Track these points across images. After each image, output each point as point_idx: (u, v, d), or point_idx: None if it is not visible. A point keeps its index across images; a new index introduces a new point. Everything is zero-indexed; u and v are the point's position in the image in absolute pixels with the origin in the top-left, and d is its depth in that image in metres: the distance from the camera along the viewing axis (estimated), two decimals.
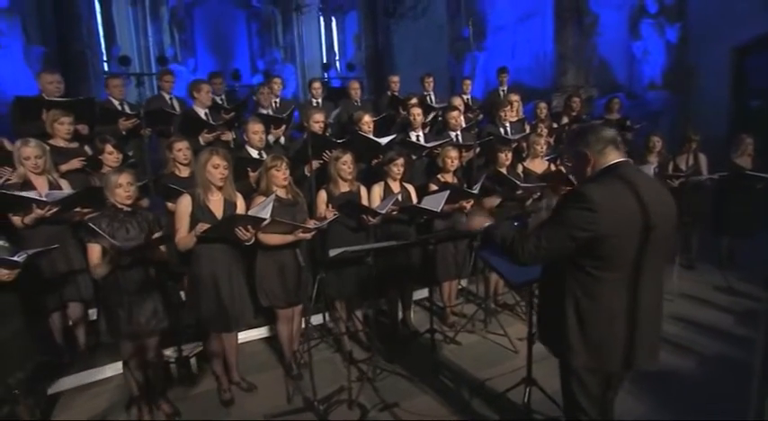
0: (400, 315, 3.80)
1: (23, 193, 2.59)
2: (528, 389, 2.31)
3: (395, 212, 3.21)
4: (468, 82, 5.84)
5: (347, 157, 3.12)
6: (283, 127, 3.77)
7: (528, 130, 4.92)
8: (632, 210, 1.53)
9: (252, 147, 3.41)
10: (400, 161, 3.40)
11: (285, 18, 13.16)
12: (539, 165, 4.07)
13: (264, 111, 3.91)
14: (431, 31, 9.75)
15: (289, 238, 2.72)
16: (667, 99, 7.54)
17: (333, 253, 2.69)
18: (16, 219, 2.67)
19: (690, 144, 4.82)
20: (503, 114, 4.56)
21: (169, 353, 3.07)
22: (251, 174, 3.23)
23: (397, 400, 2.73)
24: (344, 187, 3.18)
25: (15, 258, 2.05)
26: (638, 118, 7.64)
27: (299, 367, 3.08)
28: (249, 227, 2.46)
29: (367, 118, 3.90)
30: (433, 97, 5.76)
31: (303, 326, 3.51)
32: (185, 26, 11.53)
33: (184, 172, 3.17)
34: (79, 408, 2.82)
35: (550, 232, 1.56)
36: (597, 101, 6.56)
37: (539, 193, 3.84)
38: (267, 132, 3.79)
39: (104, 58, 9.87)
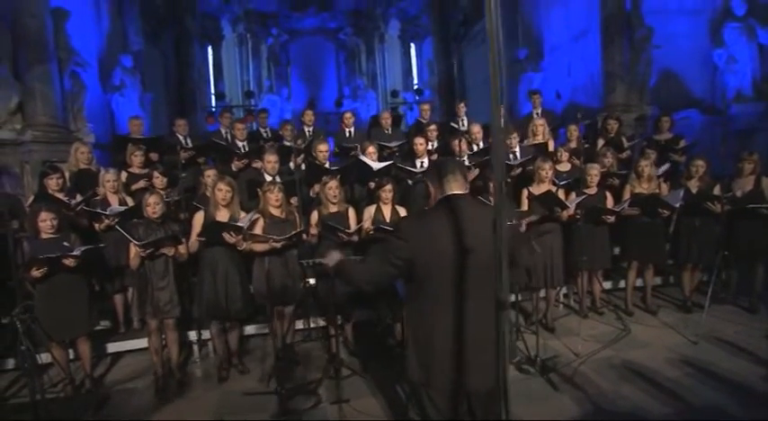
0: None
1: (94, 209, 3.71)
2: None
3: (371, 232, 3.63)
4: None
5: (332, 183, 3.66)
6: (302, 156, 4.49)
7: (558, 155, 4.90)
8: (444, 238, 1.68)
9: (267, 173, 4.17)
10: (388, 187, 3.82)
11: (368, 47, 14.31)
12: (545, 190, 4.08)
13: (288, 143, 4.69)
14: None
15: (266, 247, 3.35)
16: (762, 113, 6.58)
17: (302, 262, 3.24)
18: (96, 227, 3.77)
19: (742, 166, 4.28)
20: (509, 142, 4.65)
21: (192, 335, 3.90)
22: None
23: (350, 397, 3.12)
24: (333, 208, 3.71)
25: (75, 252, 3.01)
26: (721, 137, 6.78)
27: (288, 360, 3.66)
28: (232, 233, 3.15)
29: (372, 149, 4.42)
30: (466, 122, 6.01)
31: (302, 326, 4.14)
32: (280, 60, 13.30)
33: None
34: (127, 366, 3.80)
35: (376, 259, 1.82)
36: (649, 120, 6.05)
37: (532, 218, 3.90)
38: (287, 161, 4.55)
39: (212, 93, 11.98)
